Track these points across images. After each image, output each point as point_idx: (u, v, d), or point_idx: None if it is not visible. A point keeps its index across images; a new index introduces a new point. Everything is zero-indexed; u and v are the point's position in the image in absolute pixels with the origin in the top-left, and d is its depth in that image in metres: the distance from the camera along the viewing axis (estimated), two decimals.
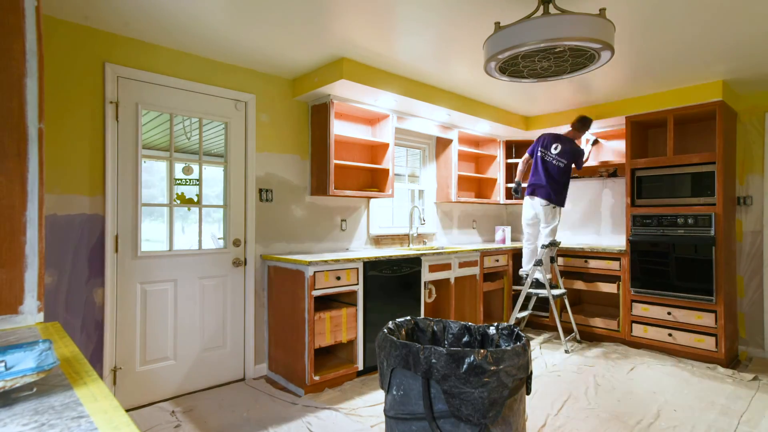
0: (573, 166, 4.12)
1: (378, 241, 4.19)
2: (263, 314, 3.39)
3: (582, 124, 4.15)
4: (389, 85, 3.37)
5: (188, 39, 2.78)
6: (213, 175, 5.20)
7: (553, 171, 4.07)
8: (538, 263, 3.99)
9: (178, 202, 3.16)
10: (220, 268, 3.18)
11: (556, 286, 4.29)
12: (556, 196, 4.05)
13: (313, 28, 2.63)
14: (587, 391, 3.03)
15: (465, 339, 2.31)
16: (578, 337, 4.23)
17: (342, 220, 3.90)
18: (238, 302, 3.27)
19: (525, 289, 4.07)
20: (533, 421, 2.59)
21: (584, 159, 4.27)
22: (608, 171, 4.73)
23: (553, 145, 4.12)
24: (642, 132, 4.27)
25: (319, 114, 3.54)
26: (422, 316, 3.56)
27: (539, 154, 4.16)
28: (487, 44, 2.16)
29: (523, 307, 4.47)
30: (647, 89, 3.83)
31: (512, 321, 4.01)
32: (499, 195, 5.02)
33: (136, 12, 2.42)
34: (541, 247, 4.07)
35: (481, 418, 1.72)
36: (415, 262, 3.60)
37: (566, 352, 3.88)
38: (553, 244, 4.05)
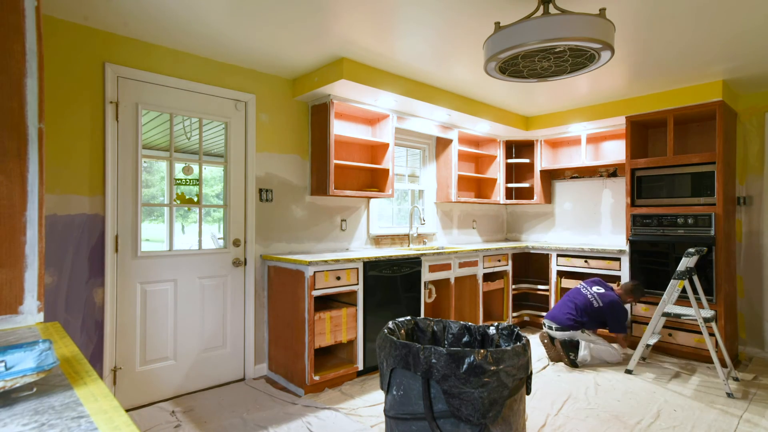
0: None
1: (378, 241, 4.19)
2: (263, 314, 3.39)
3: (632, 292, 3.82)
4: (389, 85, 3.37)
5: (188, 39, 2.78)
6: (213, 175, 5.21)
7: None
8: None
9: (178, 202, 3.16)
10: (220, 268, 3.18)
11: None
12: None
13: (313, 28, 2.63)
14: (587, 391, 3.03)
15: (465, 339, 2.31)
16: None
17: (342, 220, 3.90)
18: (238, 302, 3.27)
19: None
20: (533, 421, 2.59)
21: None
22: (608, 171, 4.73)
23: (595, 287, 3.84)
24: (642, 132, 4.27)
25: (319, 114, 3.54)
26: (422, 316, 3.56)
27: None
28: (487, 44, 2.16)
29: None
30: (647, 89, 3.83)
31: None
32: (499, 195, 5.02)
33: (135, 12, 2.42)
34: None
35: (481, 418, 1.72)
36: (415, 262, 3.60)
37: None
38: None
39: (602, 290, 3.76)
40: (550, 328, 3.71)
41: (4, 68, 1.12)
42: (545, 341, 3.72)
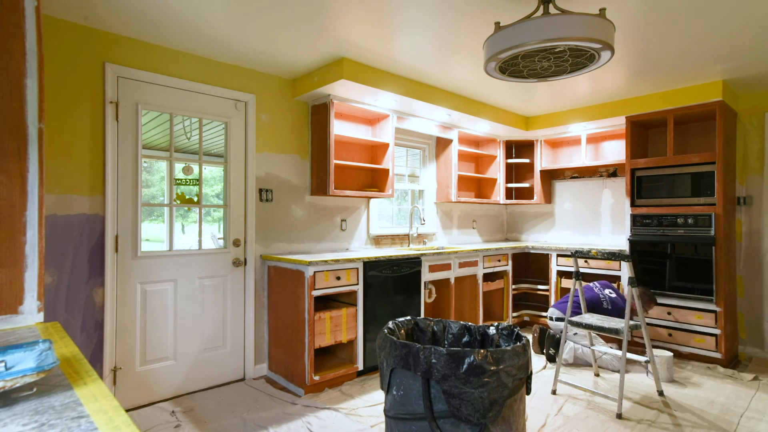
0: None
1: (378, 241, 4.19)
2: (263, 314, 3.39)
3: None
4: (389, 85, 3.37)
5: (188, 39, 2.78)
6: (213, 175, 5.20)
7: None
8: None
9: (178, 202, 3.16)
10: (220, 268, 3.18)
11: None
12: None
13: (313, 28, 2.63)
14: (587, 391, 3.03)
15: (465, 339, 2.31)
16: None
17: (342, 220, 3.90)
18: (238, 302, 3.27)
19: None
20: (533, 421, 2.59)
21: None
22: (608, 171, 4.73)
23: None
24: (642, 132, 4.27)
25: (319, 114, 3.54)
26: (422, 316, 3.56)
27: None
28: (487, 44, 2.16)
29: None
30: (647, 89, 3.82)
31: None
32: (499, 195, 5.02)
33: (135, 12, 2.42)
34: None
35: (481, 418, 1.72)
36: (415, 262, 3.60)
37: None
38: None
39: (614, 295, 3.70)
40: (557, 319, 3.69)
41: (4, 68, 1.12)
42: (535, 334, 3.78)
